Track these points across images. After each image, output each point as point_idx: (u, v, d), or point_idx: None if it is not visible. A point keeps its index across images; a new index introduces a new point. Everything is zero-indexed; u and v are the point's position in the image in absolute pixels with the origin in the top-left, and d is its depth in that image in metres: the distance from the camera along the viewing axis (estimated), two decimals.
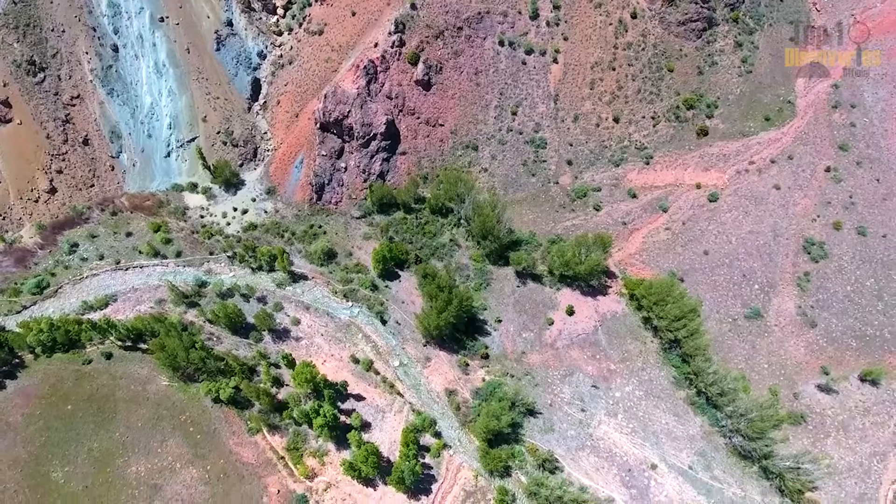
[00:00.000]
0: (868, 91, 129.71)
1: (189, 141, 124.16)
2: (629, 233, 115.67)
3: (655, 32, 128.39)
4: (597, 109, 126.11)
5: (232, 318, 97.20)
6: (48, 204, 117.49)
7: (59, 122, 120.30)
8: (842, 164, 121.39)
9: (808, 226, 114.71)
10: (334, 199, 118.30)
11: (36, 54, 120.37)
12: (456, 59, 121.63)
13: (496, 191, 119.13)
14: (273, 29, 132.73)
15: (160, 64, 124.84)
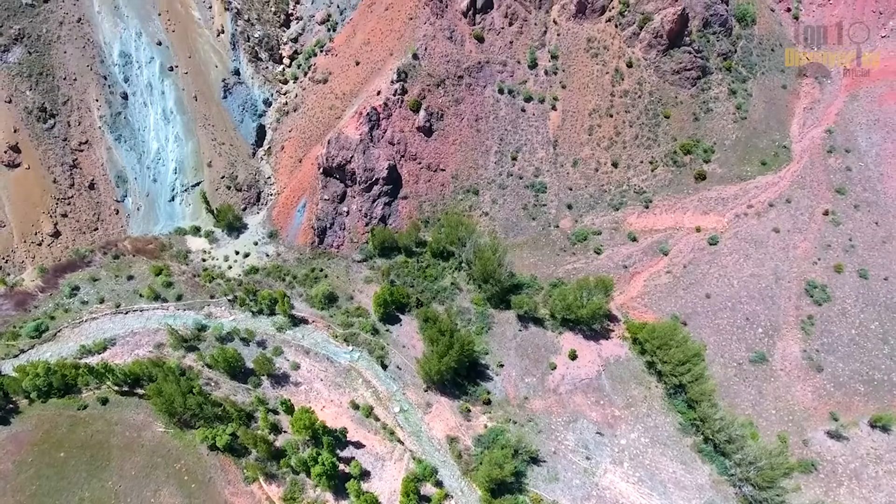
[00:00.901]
0: (862, 136, 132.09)
1: (194, 185, 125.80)
2: (630, 276, 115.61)
3: (651, 81, 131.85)
4: (595, 154, 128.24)
5: (231, 362, 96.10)
6: (51, 247, 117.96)
7: (67, 166, 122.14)
8: (840, 207, 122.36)
9: (810, 269, 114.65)
10: (336, 243, 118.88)
11: (47, 101, 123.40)
12: (457, 107, 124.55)
13: (497, 234, 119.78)
14: (279, 78, 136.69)
15: (168, 111, 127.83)
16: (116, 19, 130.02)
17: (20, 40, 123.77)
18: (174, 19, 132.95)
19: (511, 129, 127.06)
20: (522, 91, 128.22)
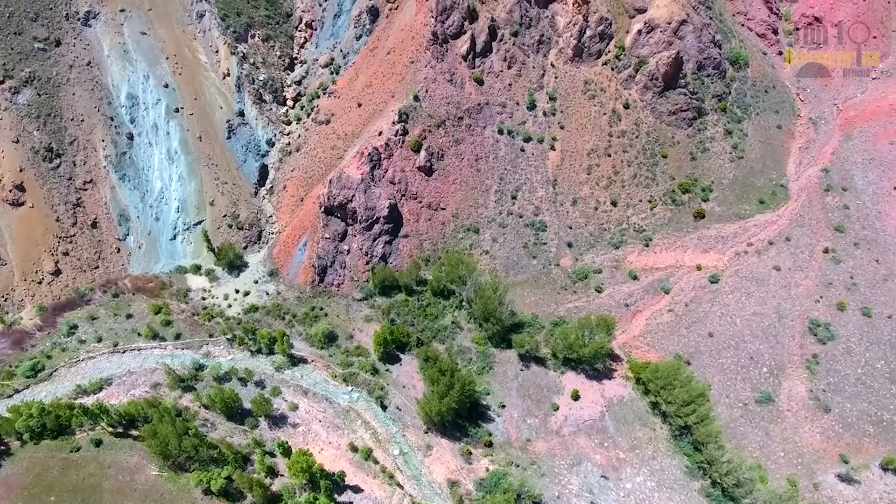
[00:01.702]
0: (858, 175, 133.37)
1: (196, 224, 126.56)
2: (632, 315, 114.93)
3: (648, 121, 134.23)
4: (594, 193, 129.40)
5: (228, 402, 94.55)
6: (51, 285, 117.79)
7: (70, 205, 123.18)
8: (839, 245, 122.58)
9: (812, 307, 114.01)
10: (336, 282, 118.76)
11: (54, 141, 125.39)
12: (457, 147, 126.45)
13: (497, 273, 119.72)
14: (282, 119, 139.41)
15: (172, 151, 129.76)
16: (125, 63, 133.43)
17: (31, 83, 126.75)
18: (181, 63, 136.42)
19: (511, 169, 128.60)
20: (521, 131, 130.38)
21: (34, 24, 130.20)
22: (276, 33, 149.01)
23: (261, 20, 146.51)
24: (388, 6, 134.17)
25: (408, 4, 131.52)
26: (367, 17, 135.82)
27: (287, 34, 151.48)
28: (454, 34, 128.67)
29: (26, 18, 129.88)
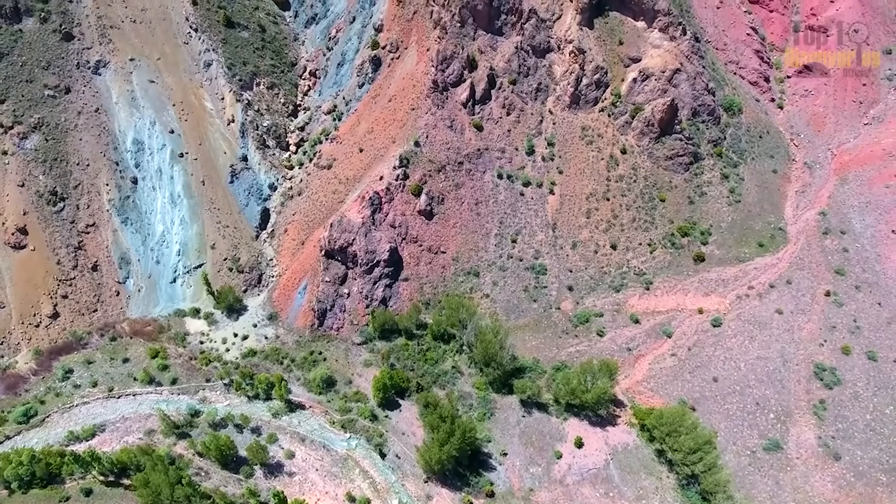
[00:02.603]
0: (855, 218, 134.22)
1: (196, 267, 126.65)
2: (635, 359, 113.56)
3: (645, 166, 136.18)
4: (594, 237, 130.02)
5: (223, 450, 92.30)
6: (49, 329, 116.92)
7: (72, 248, 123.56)
8: (841, 287, 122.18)
9: (817, 351, 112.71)
10: (336, 325, 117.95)
11: (59, 185, 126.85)
12: (457, 191, 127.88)
13: (498, 317, 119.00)
14: (285, 164, 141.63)
15: (176, 195, 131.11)
16: (133, 109, 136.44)
17: (39, 128, 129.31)
18: (188, 110, 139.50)
19: (510, 213, 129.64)
20: (521, 176, 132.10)
21: (46, 73, 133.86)
22: (281, 81, 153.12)
23: (266, 69, 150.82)
24: (390, 56, 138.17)
25: (409, 54, 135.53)
26: (369, 66, 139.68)
27: (291, 82, 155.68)
28: (454, 82, 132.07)
29: (38, 67, 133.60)
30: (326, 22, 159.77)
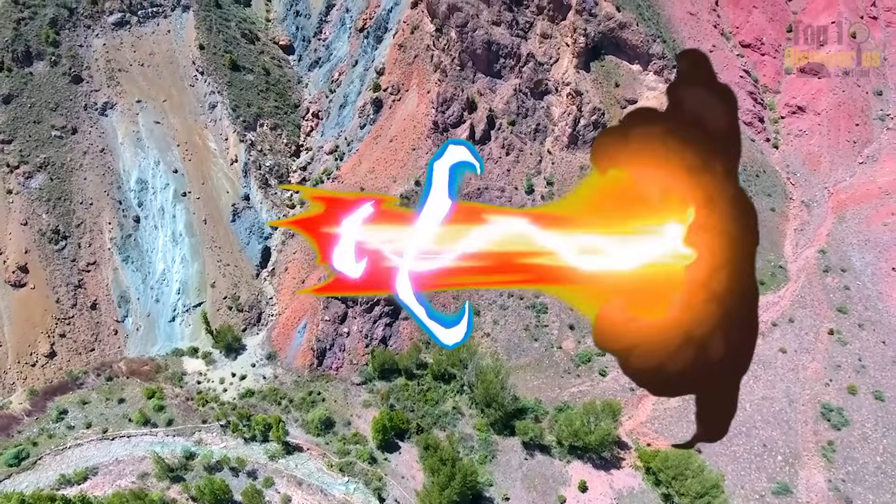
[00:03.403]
0: (855, 256, 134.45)
1: (195, 306, 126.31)
2: (638, 399, 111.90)
3: None
4: None
5: (217, 495, 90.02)
6: (45, 368, 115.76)
7: (72, 287, 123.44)
8: (844, 326, 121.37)
9: (823, 390, 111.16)
10: (335, 365, 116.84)
11: (62, 224, 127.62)
12: None
13: (499, 356, 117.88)
14: (286, 203, 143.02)
15: (177, 234, 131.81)
16: (138, 149, 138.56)
17: (44, 168, 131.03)
18: (192, 150, 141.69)
19: None
20: None
21: (54, 114, 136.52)
22: (284, 122, 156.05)
23: (270, 110, 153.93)
24: (392, 98, 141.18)
25: (410, 96, 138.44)
26: (371, 108, 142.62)
27: (294, 123, 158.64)
28: (454, 123, 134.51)
29: (47, 108, 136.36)
30: (329, 65, 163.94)
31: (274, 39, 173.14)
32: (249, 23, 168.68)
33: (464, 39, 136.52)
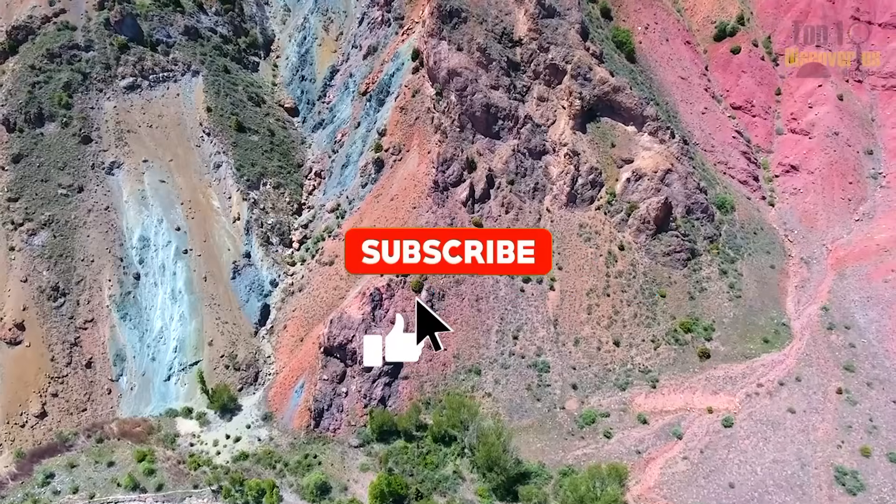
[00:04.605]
0: (858, 313, 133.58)
1: (192, 364, 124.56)
2: (645, 462, 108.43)
3: (643, 262, 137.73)
4: (596, 333, 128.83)
5: None
6: (34, 429, 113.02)
7: (68, 344, 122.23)
8: (852, 385, 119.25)
9: (835, 453, 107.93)
10: (333, 426, 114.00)
11: (62, 281, 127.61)
12: (458, 287, 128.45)
13: (501, 417, 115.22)
14: (287, 260, 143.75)
15: (177, 291, 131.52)
16: (142, 207, 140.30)
17: (48, 225, 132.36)
18: (195, 208, 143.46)
19: (511, 309, 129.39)
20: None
21: (61, 173, 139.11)
22: (287, 181, 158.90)
23: (273, 170, 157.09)
24: (393, 158, 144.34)
25: (411, 156, 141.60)
26: (372, 168, 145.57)
27: (297, 182, 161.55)
28: (454, 182, 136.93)
29: (55, 167, 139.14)
30: (333, 127, 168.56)
31: (279, 102, 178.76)
32: (256, 87, 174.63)
33: (463, 102, 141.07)
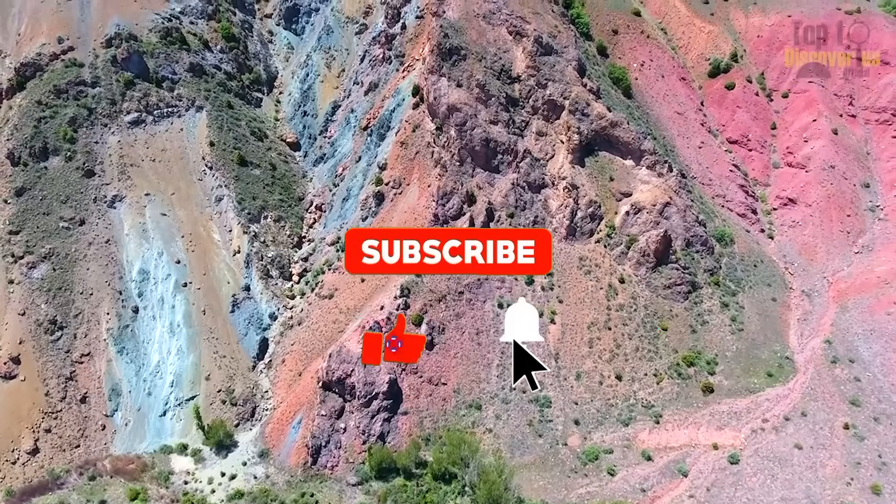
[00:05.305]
0: (862, 346, 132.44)
1: (188, 399, 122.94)
2: (650, 500, 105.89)
3: (644, 295, 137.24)
4: (598, 367, 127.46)
5: None
6: (25, 466, 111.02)
7: (63, 379, 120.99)
8: (859, 420, 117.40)
9: (845, 490, 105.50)
10: (330, 464, 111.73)
11: (59, 314, 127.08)
12: (458, 321, 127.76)
13: (502, 454, 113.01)
14: (287, 293, 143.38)
15: (175, 324, 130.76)
16: (142, 240, 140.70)
17: (49, 258, 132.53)
18: (196, 241, 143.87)
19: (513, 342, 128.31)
20: None
21: (63, 206, 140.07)
22: (288, 214, 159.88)
23: (275, 203, 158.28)
24: (393, 191, 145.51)
25: (411, 190, 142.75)
26: (373, 201, 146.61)
27: (298, 215, 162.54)
28: (454, 215, 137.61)
29: (57, 201, 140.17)
30: (334, 161, 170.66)
31: (282, 137, 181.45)
32: (259, 122, 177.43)
33: (463, 137, 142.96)
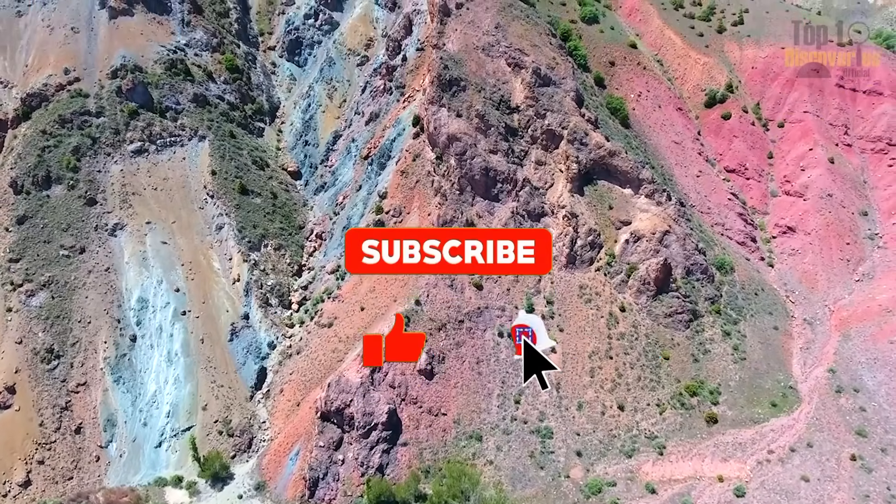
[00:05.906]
0: (866, 375, 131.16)
1: (184, 430, 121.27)
2: None
3: (645, 324, 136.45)
4: (600, 397, 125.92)
5: None
6: (17, 499, 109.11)
7: (58, 409, 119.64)
8: (866, 451, 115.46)
9: None
10: (328, 497, 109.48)
11: (57, 343, 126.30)
12: (458, 350, 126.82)
13: (503, 486, 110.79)
14: (286, 322, 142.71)
15: (173, 353, 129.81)
16: (142, 269, 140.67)
17: (48, 286, 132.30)
18: (195, 269, 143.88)
19: (513, 372, 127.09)
20: None
21: (64, 234, 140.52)
22: (288, 243, 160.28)
23: (275, 231, 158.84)
24: (393, 220, 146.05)
25: (411, 218, 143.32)
26: None
27: (298, 244, 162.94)
28: None
29: (58, 229, 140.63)
30: (334, 190, 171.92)
31: (283, 166, 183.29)
32: (261, 151, 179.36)
33: (462, 166, 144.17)
